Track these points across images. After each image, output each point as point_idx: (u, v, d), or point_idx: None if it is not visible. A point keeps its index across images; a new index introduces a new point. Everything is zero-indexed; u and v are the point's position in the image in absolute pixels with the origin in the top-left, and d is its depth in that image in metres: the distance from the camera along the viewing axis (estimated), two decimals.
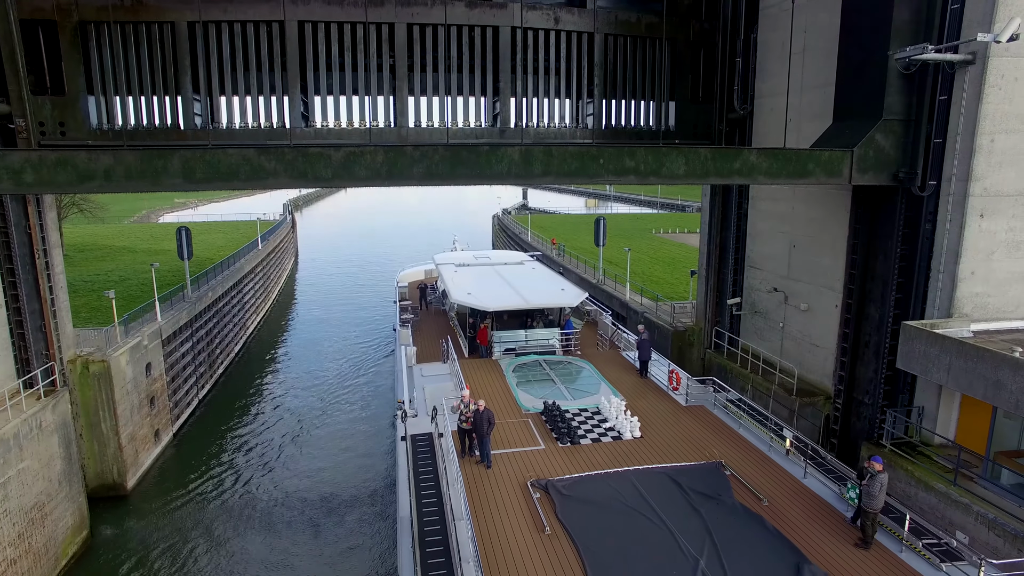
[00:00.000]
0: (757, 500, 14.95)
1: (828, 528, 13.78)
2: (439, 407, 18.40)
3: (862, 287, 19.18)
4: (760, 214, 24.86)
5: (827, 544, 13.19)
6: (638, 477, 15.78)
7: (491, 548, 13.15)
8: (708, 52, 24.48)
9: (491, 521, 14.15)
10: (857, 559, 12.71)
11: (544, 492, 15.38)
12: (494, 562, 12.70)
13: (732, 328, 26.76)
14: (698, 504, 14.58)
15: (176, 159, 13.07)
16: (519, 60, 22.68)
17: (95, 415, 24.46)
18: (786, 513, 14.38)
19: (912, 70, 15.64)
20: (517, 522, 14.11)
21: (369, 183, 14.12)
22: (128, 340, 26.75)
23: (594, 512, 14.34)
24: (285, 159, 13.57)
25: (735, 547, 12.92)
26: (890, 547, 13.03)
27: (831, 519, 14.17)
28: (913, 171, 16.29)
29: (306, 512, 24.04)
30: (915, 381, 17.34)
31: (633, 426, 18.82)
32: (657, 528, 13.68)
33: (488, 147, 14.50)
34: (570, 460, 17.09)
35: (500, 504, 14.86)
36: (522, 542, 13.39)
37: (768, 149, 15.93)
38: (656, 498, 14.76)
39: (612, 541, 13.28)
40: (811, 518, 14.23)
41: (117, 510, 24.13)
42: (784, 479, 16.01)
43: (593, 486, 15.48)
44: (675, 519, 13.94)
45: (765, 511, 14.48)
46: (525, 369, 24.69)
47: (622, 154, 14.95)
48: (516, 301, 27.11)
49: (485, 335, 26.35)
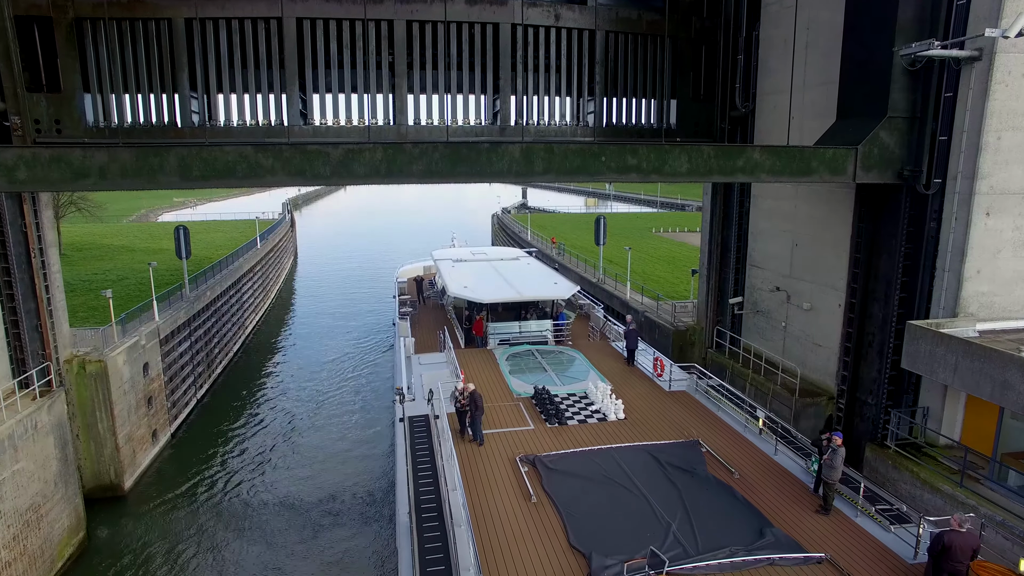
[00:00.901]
0: (729, 473, 16.11)
1: (793, 497, 14.96)
2: (435, 390, 19.49)
3: (865, 286, 19.01)
4: (762, 213, 24.68)
5: (791, 511, 14.34)
6: (620, 453, 16.85)
7: (481, 514, 14.20)
8: (709, 50, 24.31)
9: (482, 492, 15.21)
10: (817, 523, 13.94)
11: (532, 466, 16.47)
12: (483, 526, 13.77)
13: (734, 327, 26.59)
14: (674, 476, 15.67)
15: (172, 156, 12.87)
16: (519, 57, 22.50)
17: (92, 415, 24.26)
18: (755, 484, 15.54)
19: (917, 67, 15.46)
20: (505, 492, 15.17)
21: (368, 181, 13.92)
22: (125, 340, 26.55)
23: (577, 483, 15.39)
24: (283, 156, 13.38)
25: (705, 513, 14.03)
26: (847, 512, 14.29)
27: (796, 490, 15.39)
28: (918, 169, 16.11)
29: (304, 514, 23.86)
30: (920, 381, 17.17)
31: (618, 408, 19.85)
32: (635, 497, 14.69)
33: (489, 145, 14.31)
34: (557, 439, 18.23)
35: (490, 477, 15.95)
36: (510, 509, 14.42)
37: (771, 147, 15.76)
38: (635, 471, 15.85)
39: (592, 508, 14.29)
40: (778, 489, 15.39)
41: (114, 511, 23.93)
42: (755, 455, 17.24)
43: (577, 461, 16.57)
44: (652, 489, 15.00)
45: (736, 483, 15.59)
46: (518, 358, 25.55)
47: (624, 152, 14.77)
48: (510, 294, 28.20)
49: (481, 326, 27.35)
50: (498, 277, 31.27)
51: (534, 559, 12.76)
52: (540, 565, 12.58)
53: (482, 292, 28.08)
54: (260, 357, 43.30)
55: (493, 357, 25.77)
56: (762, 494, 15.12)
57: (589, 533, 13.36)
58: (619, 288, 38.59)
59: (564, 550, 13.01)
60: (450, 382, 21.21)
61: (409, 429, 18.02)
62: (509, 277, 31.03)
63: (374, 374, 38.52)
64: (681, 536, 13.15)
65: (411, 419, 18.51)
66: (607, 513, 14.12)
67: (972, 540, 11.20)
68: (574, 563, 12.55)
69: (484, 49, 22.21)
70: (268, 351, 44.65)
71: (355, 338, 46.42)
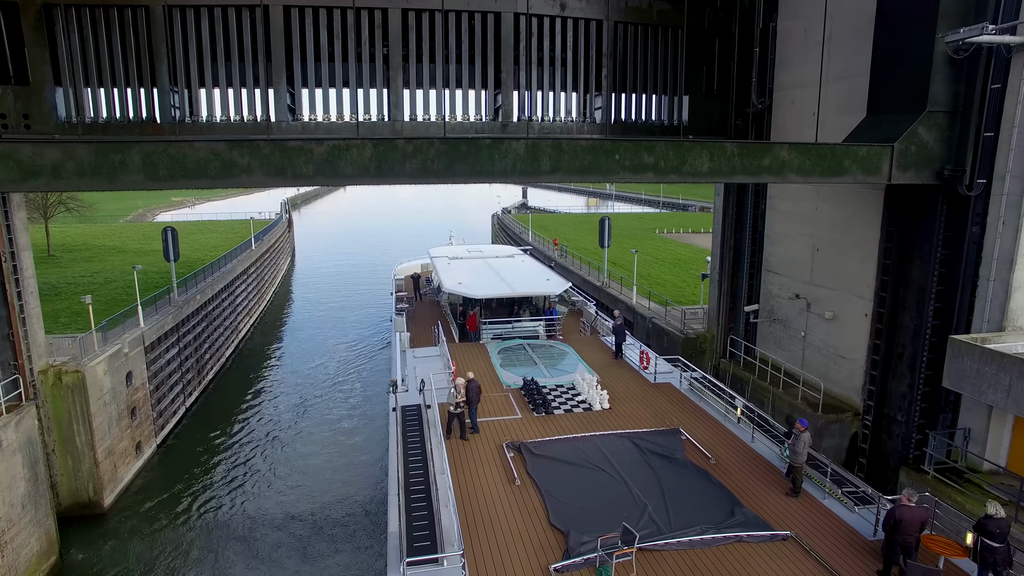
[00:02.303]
0: (706, 459, 16.82)
1: (765, 481, 15.63)
2: (426, 380, 20.39)
3: (895, 294, 17.63)
4: (779, 215, 23.30)
5: (762, 493, 15.05)
6: (602, 440, 17.54)
7: (466, 495, 14.93)
8: (724, 42, 22.91)
9: (468, 475, 15.95)
10: (785, 504, 14.61)
11: (517, 452, 17.16)
12: (468, 505, 14.48)
13: (747, 336, 25.21)
14: (652, 462, 16.37)
15: (136, 153, 11.46)
16: (522, 50, 21.11)
17: (68, 429, 22.88)
18: (731, 469, 16.25)
19: (962, 55, 14.05)
20: (491, 475, 15.93)
21: (356, 181, 12.55)
22: (107, 348, 25.16)
23: (560, 467, 16.09)
24: (261, 154, 11.98)
25: (681, 495, 14.75)
26: (815, 495, 14.98)
27: (769, 474, 16.03)
28: (960, 168, 14.71)
29: (296, 532, 22.47)
30: (959, 400, 15.79)
31: (603, 399, 20.46)
32: (614, 481, 15.40)
33: (491, 141, 12.90)
34: (543, 427, 18.88)
35: (477, 461, 16.69)
36: (494, 491, 15.14)
37: (801, 144, 14.37)
38: (616, 457, 16.54)
39: (573, 490, 14.99)
40: (752, 473, 16.08)
41: (91, 531, 22.53)
42: (733, 442, 17.95)
43: (561, 447, 17.25)
44: (630, 473, 15.69)
45: (712, 468, 16.28)
46: (509, 352, 26.19)
47: (640, 149, 13.36)
48: (503, 289, 29.13)
49: (474, 321, 28.07)
50: (492, 274, 31.97)
51: (515, 536, 13.39)
52: (520, 541, 13.21)
53: (475, 288, 28.84)
54: (254, 362, 41.89)
55: (485, 351, 26.29)
56: (736, 478, 15.82)
57: (568, 513, 14.00)
58: (625, 292, 37.19)
59: (544, 528, 13.64)
60: (441, 374, 21.90)
61: (401, 418, 18.73)
62: (503, 274, 31.78)
63: (370, 377, 37.21)
64: (656, 516, 13.82)
65: (404, 408, 19.39)
66: (587, 495, 14.76)
67: (921, 514, 11.76)
68: (553, 540, 13.18)
69: (485, 40, 20.80)
70: (262, 355, 43.23)
71: (352, 339, 45.23)
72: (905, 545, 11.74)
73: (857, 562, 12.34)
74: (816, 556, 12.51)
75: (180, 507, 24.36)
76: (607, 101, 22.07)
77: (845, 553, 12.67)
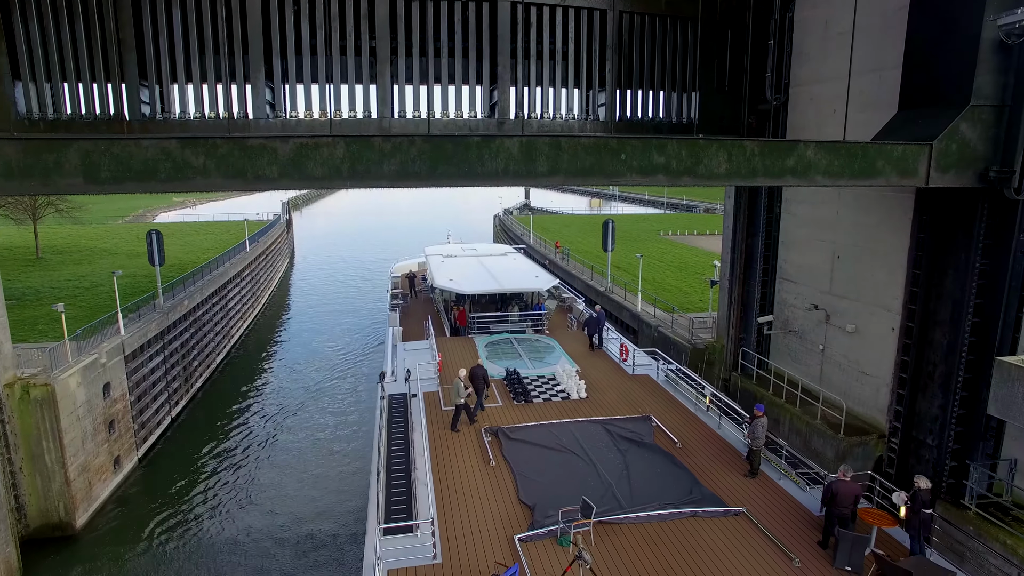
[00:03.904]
0: (672, 443, 17.58)
1: (727, 464, 16.49)
2: (412, 370, 21.69)
3: (925, 307, 16.09)
4: (796, 219, 21.77)
5: (722, 474, 15.90)
6: (576, 426, 18.35)
7: (443, 474, 15.87)
8: (736, 34, 21.38)
9: (446, 457, 16.86)
10: (742, 484, 15.46)
11: (494, 436, 17.97)
12: (444, 484, 15.43)
13: (760, 348, 23.69)
14: (621, 445, 17.20)
15: (73, 153, 10.01)
16: (520, 42, 19.63)
17: (37, 445, 21.50)
18: (695, 453, 17.08)
19: (1015, 41, 12.48)
20: (467, 457, 16.85)
21: (327, 184, 11.09)
22: (81, 359, 23.76)
23: (533, 450, 16.97)
24: (217, 154, 10.52)
25: (644, 475, 15.63)
26: (772, 475, 15.84)
27: (731, 457, 16.87)
28: (1007, 169, 13.16)
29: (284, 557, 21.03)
30: (1002, 426, 14.25)
31: (580, 388, 21.17)
32: (583, 462, 16.26)
33: (479, 139, 11.40)
34: (522, 414, 19.68)
35: (456, 445, 17.55)
36: (469, 471, 16.07)
37: (828, 143, 12.83)
38: (587, 441, 17.36)
39: (543, 470, 15.89)
40: (715, 457, 16.90)
41: (60, 555, 21.13)
42: (701, 428, 18.76)
43: (536, 432, 18.05)
44: (599, 456, 16.55)
45: (677, 451, 17.05)
46: (496, 345, 27.00)
47: (649, 148, 11.84)
48: (492, 285, 29.99)
49: (464, 317, 29.13)
50: (483, 271, 32.91)
51: (486, 510, 14.28)
52: (490, 515, 14.12)
53: (465, 284, 29.95)
54: (246, 368, 40.48)
55: (473, 344, 27.06)
56: (699, 460, 16.64)
57: (537, 490, 14.88)
58: (629, 298, 35.68)
59: (514, 503, 14.56)
60: (428, 365, 22.99)
61: (388, 405, 19.62)
62: (494, 271, 32.79)
63: (366, 379, 35.80)
64: (618, 493, 14.67)
65: (391, 396, 20.34)
66: (556, 474, 15.62)
67: (855, 488, 12.80)
68: (520, 514, 14.09)
69: (479, 32, 19.32)
70: (255, 361, 41.82)
71: (348, 342, 43.92)
72: (842, 516, 12.74)
73: (801, 534, 13.36)
74: (763, 529, 13.47)
75: (159, 526, 22.93)
76: (611, 97, 20.57)
77: (791, 527, 13.66)
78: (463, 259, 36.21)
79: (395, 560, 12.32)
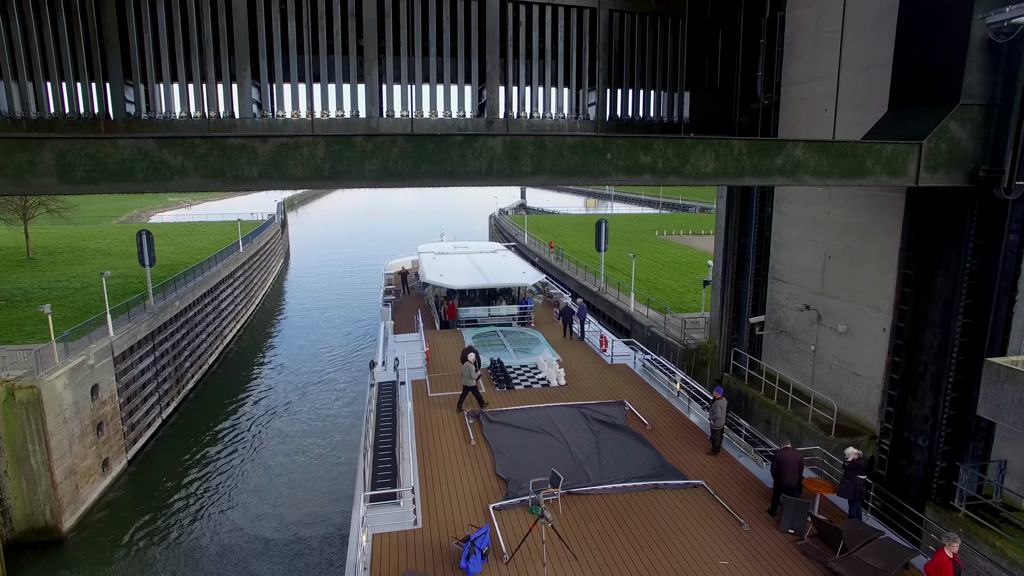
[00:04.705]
0: (643, 425, 18.72)
1: (693, 444, 17.67)
2: (400, 359, 23.37)
3: (916, 308, 15.98)
4: (788, 219, 21.66)
5: (686, 452, 17.14)
6: (553, 410, 19.46)
7: (427, 452, 17.09)
8: (728, 33, 21.23)
9: (431, 437, 18.01)
10: (704, 460, 16.72)
11: (476, 419, 19.12)
12: (427, 460, 16.63)
13: (752, 349, 23.58)
14: (594, 427, 18.27)
15: (47, 153, 9.81)
16: (509, 41, 19.46)
17: (23, 448, 21.31)
18: (664, 434, 18.22)
19: (1004, 39, 12.38)
20: (450, 437, 18.03)
21: (307, 184, 10.92)
22: (68, 360, 23.56)
23: (512, 431, 18.10)
24: (196, 154, 10.34)
25: (614, 453, 16.76)
26: (733, 453, 17.09)
27: (697, 438, 18.07)
28: (997, 169, 13.05)
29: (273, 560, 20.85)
30: (992, 427, 14.15)
31: (560, 376, 22.39)
32: (557, 442, 17.36)
33: (462, 139, 11.24)
34: (503, 399, 20.81)
35: (440, 427, 18.72)
36: (451, 449, 17.31)
37: (817, 142, 12.70)
38: (563, 423, 18.42)
39: (519, 448, 17.04)
40: (682, 438, 18.05)
41: (46, 559, 20.94)
42: (671, 412, 19.91)
43: (515, 415, 19.14)
44: (572, 436, 17.66)
45: (647, 432, 18.19)
46: (483, 337, 28.09)
47: (636, 147, 11.70)
48: (479, 280, 31.42)
49: (453, 310, 30.39)
50: (472, 267, 34.10)
51: (465, 483, 15.45)
52: (468, 487, 15.26)
53: (454, 279, 31.23)
54: (239, 369, 40.25)
55: (461, 336, 28.25)
56: (667, 440, 17.82)
57: (512, 466, 16.02)
58: (622, 299, 35.55)
59: (490, 477, 15.72)
60: (417, 355, 24.45)
61: (377, 391, 20.82)
62: (482, 267, 34.03)
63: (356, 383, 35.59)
64: (588, 468, 15.79)
65: (380, 384, 21.63)
66: (531, 452, 16.74)
67: (797, 455, 13.94)
68: (496, 487, 15.26)
69: (468, 31, 19.14)
70: (248, 362, 41.59)
71: (341, 341, 43.76)
72: (788, 486, 13.84)
73: (753, 503, 14.55)
74: (719, 499, 14.60)
75: (148, 530, 22.74)
76: (601, 96, 20.41)
77: (745, 497, 14.86)
78: (454, 256, 37.45)
79: (380, 526, 13.44)
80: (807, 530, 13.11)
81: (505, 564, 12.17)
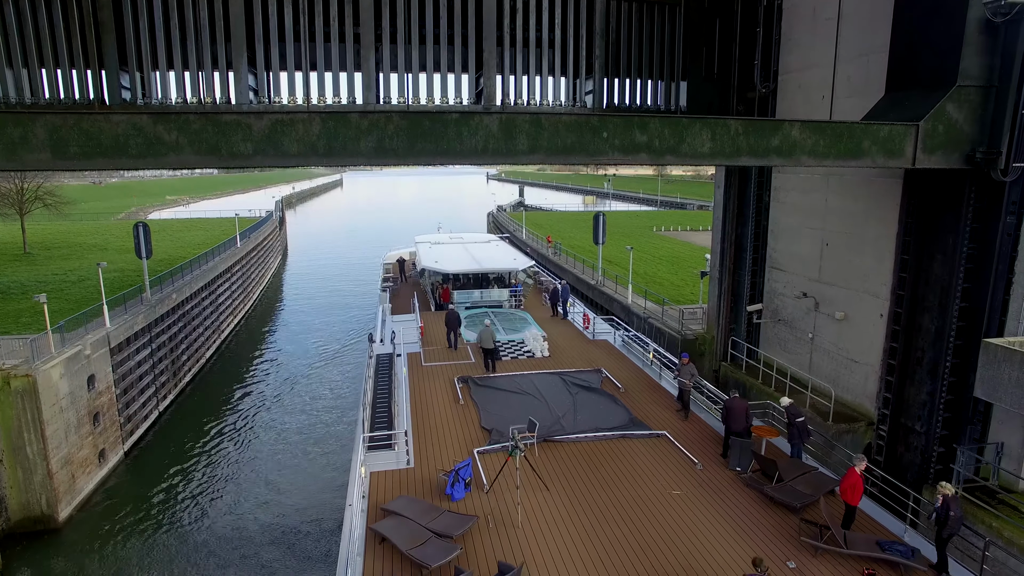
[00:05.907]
0: (617, 388, 20.48)
1: (662, 405, 19.28)
2: (396, 332, 25.66)
3: (914, 293, 15.97)
4: (785, 208, 21.65)
5: (657, 413, 18.66)
6: (536, 377, 21.12)
7: (419, 410, 18.86)
8: (725, 21, 21.20)
9: (423, 399, 19.75)
10: (672, 420, 18.23)
11: (465, 384, 20.91)
12: (420, 416, 18.40)
13: (750, 337, 23.57)
14: (572, 389, 19.96)
15: (40, 128, 9.76)
16: (506, 28, 19.41)
17: (18, 438, 21.25)
18: (636, 396, 19.88)
19: (1001, 19, 12.37)
20: (441, 399, 19.82)
21: (303, 161, 10.88)
22: (65, 350, 23.49)
23: (497, 393, 19.84)
24: (190, 129, 10.29)
25: (587, 410, 18.46)
26: (700, 414, 18.67)
27: (666, 399, 19.74)
28: (994, 151, 13.04)
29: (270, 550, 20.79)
30: (989, 410, 14.14)
31: (544, 348, 24.26)
32: (537, 401, 19.10)
33: (458, 116, 11.20)
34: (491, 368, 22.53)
35: (432, 391, 20.48)
36: (441, 408, 19.11)
37: (814, 122, 12.67)
38: (544, 387, 20.15)
39: (503, 405, 18.80)
40: (653, 400, 19.69)
41: (42, 548, 20.86)
42: (644, 378, 21.65)
43: (501, 380, 20.94)
44: (551, 396, 19.39)
45: (620, 394, 19.90)
46: (474, 316, 29.83)
47: (631, 126, 11.66)
48: (472, 266, 33.47)
49: (447, 294, 32.42)
50: (466, 254, 36.16)
51: (453, 435, 17.24)
52: (456, 437, 17.12)
53: (448, 264, 33.23)
54: (236, 362, 40.18)
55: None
56: (639, 402, 19.43)
57: (496, 419, 17.80)
58: (620, 291, 35.54)
59: (476, 429, 17.61)
60: (412, 331, 26.67)
61: (376, 361, 22.72)
62: (475, 254, 36.08)
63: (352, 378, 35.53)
64: (563, 422, 17.61)
65: (378, 356, 23.58)
66: (513, 409, 18.39)
67: (743, 404, 15.65)
68: (481, 436, 17.16)
69: (465, 18, 19.07)
70: (245, 355, 41.51)
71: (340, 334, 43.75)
72: (736, 430, 15.46)
73: (708, 449, 16.34)
74: (679, 445, 16.40)
75: (144, 520, 22.67)
76: (598, 85, 20.37)
77: (702, 444, 16.65)
78: (449, 245, 39.53)
79: (377, 465, 15.19)
80: (751, 467, 15.10)
81: (485, 494, 13.94)
